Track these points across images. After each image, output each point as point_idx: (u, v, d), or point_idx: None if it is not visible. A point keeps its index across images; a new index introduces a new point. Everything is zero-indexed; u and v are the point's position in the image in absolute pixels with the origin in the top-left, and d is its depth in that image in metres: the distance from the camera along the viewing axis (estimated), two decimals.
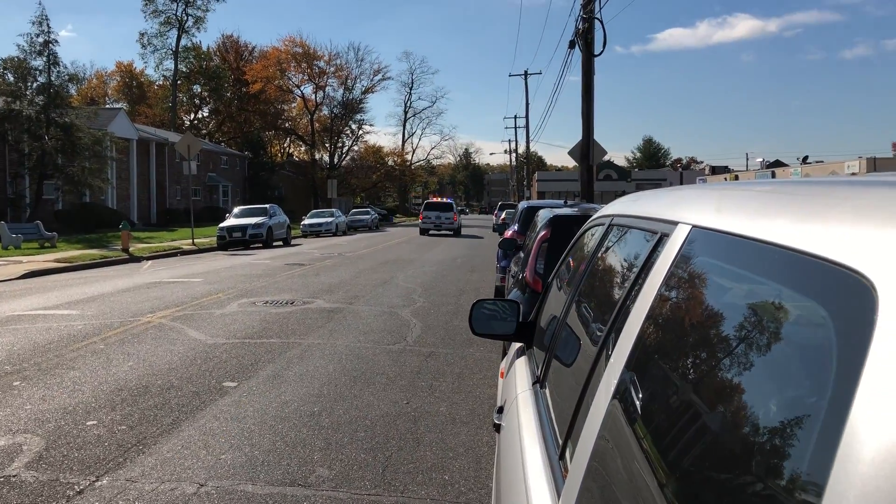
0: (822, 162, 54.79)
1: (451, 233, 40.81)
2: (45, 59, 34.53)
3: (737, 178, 59.08)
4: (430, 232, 41.06)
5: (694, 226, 1.40)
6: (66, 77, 36.18)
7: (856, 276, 0.77)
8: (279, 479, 4.73)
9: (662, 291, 1.40)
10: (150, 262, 22.20)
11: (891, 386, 0.65)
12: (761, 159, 76.37)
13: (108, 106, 67.42)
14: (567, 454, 1.65)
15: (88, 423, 5.82)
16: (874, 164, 40.24)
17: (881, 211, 0.86)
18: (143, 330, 9.92)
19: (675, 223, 1.52)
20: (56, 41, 34.90)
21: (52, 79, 34.53)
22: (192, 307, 11.98)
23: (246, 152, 66.78)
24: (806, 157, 59.36)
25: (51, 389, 6.85)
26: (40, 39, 34.29)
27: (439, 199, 46.65)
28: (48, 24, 34.48)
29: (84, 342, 9.06)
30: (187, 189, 43.71)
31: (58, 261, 20.37)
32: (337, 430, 5.71)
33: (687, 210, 1.53)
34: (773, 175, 53.13)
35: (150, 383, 7.07)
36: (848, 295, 0.78)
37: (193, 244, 28.07)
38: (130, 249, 24.15)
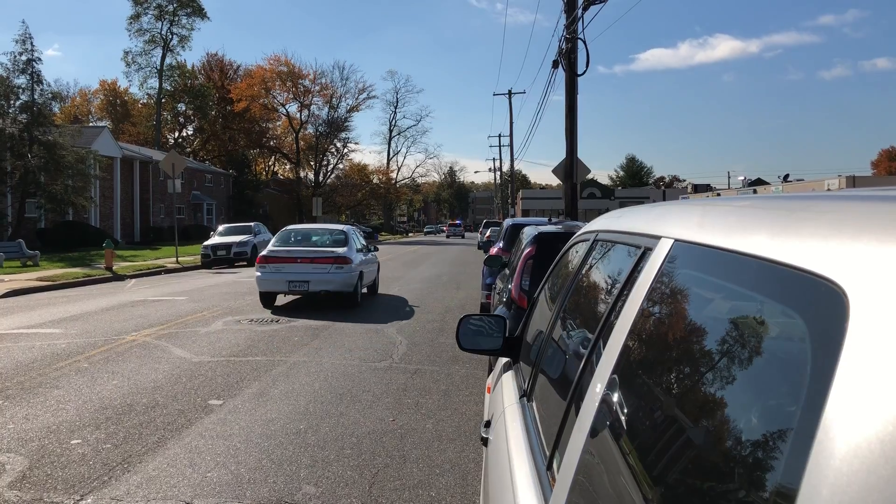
0: (802, 180, 55.44)
1: (461, 237, 74.79)
2: (28, 77, 34.42)
3: (719, 195, 59.51)
4: (450, 237, 76.47)
5: (676, 240, 1.43)
6: (50, 95, 36.10)
7: (829, 285, 0.81)
8: (265, 496, 4.71)
9: (646, 304, 1.44)
10: (133, 280, 22.05)
11: (861, 387, 0.69)
12: (743, 177, 77.12)
13: (91, 124, 67.16)
14: (554, 465, 1.68)
15: (73, 442, 5.78)
16: (853, 182, 40.79)
17: (853, 223, 0.90)
18: (127, 348, 9.86)
19: (659, 237, 1.55)
20: (39, 59, 34.90)
21: (36, 97, 34.41)
22: (176, 325, 11.92)
23: (230, 170, 66.57)
24: (787, 176, 59.91)
25: (34, 408, 6.79)
26: (23, 58, 34.23)
27: (455, 222, 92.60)
28: (32, 43, 34.46)
29: (67, 361, 8.99)
30: (171, 207, 43.55)
31: (40, 279, 20.19)
32: (323, 448, 5.70)
33: (670, 225, 1.57)
34: (755, 193, 53.60)
35: (135, 402, 7.03)
36: (821, 302, 0.82)
37: (178, 262, 27.93)
38: (114, 268, 23.98)
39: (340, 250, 14.33)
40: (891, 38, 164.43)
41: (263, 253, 14.63)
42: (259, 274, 14.14)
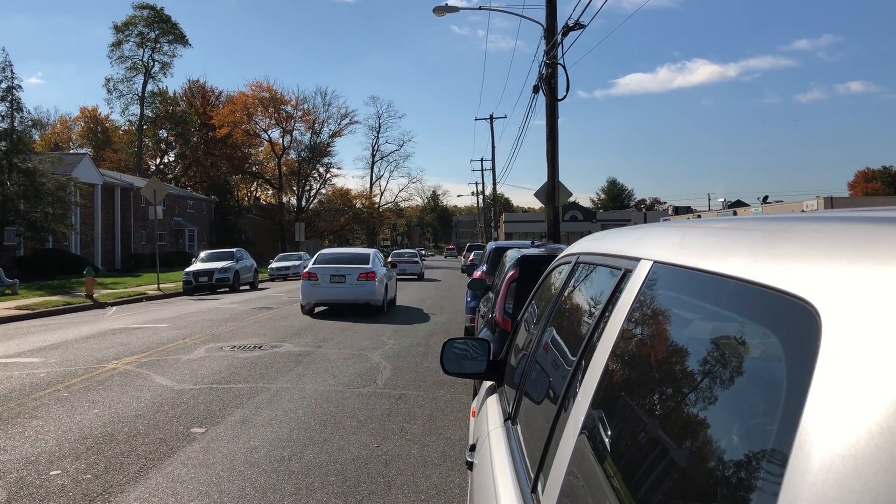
0: (781, 202, 56.10)
1: (454, 257, 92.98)
2: (7, 104, 34.25)
3: (699, 217, 60.04)
4: (446, 257, 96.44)
5: (656, 261, 1.46)
6: (30, 122, 35.90)
7: (802, 304, 0.84)
8: None
9: (627, 325, 1.46)
10: (114, 308, 21.85)
11: (834, 403, 0.71)
12: (723, 199, 77.91)
13: (72, 151, 66.81)
14: (539, 487, 1.68)
15: (52, 473, 5.69)
16: (831, 203, 41.37)
17: (825, 244, 0.93)
18: (108, 377, 9.75)
19: (638, 259, 1.58)
20: (19, 87, 34.71)
21: (15, 124, 34.19)
22: (158, 353, 11.80)
23: (212, 196, 66.30)
24: (766, 197, 60.66)
25: (12, 439, 6.69)
26: (3, 85, 34.06)
27: (450, 247, 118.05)
28: (11, 70, 34.29)
29: (47, 390, 8.87)
30: (153, 234, 43.27)
31: (19, 308, 19.97)
32: (307, 475, 5.65)
33: (649, 247, 1.59)
34: (735, 214, 54.14)
35: (116, 431, 6.95)
36: (796, 322, 0.84)
37: (159, 289, 27.70)
38: (94, 295, 23.76)
39: (416, 258, 40.86)
40: (864, 62, 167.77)
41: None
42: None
